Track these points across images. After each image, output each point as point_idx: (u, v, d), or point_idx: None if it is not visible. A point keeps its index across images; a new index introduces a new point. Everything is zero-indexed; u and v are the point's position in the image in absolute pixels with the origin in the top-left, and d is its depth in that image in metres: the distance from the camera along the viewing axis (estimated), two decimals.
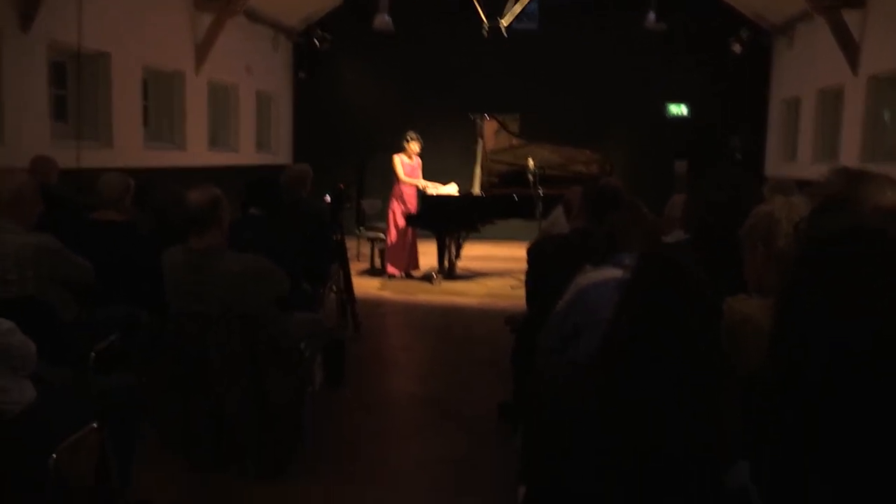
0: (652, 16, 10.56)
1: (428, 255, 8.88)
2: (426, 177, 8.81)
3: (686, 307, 1.72)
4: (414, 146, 8.53)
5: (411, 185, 8.59)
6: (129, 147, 7.99)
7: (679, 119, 11.93)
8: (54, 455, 2.38)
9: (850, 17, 8.32)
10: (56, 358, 3.05)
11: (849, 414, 0.68)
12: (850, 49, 8.39)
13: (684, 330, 1.72)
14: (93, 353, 3.59)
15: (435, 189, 8.56)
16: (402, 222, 8.51)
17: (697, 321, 1.73)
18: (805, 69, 10.11)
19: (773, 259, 2.16)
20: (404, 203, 8.58)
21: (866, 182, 1.72)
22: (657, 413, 1.77)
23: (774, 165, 11.26)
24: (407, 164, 8.57)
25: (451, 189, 8.60)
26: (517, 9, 10.05)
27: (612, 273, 2.33)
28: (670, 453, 1.78)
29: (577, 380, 2.03)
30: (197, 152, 9.49)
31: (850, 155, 8.58)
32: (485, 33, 10.08)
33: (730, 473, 1.92)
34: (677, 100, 11.85)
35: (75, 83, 7.28)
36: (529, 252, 3.51)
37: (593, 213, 3.22)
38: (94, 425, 2.58)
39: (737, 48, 10.98)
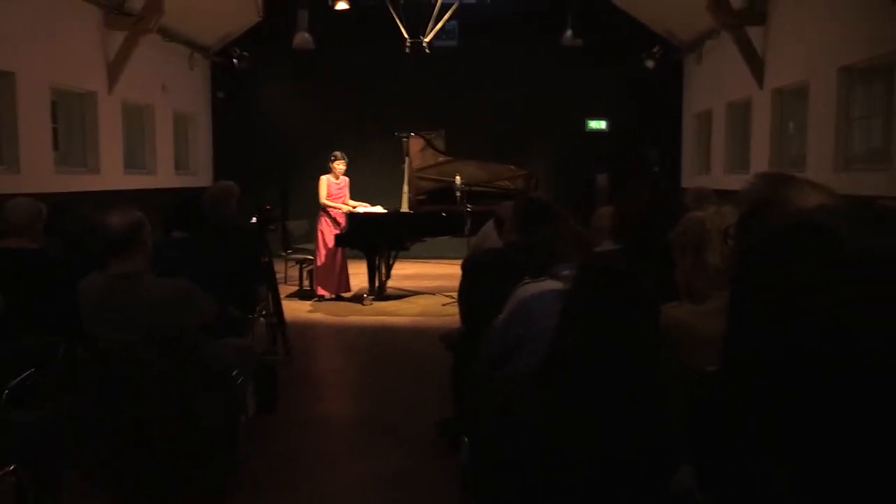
0: (569, 33, 10.85)
1: (358, 275, 8.78)
2: (354, 195, 8.73)
3: (626, 313, 1.75)
4: (339, 165, 8.45)
5: (335, 207, 8.47)
6: (38, 171, 7.62)
7: (598, 133, 12.26)
8: None
9: (754, 34, 8.76)
10: None
11: (806, 415, 0.68)
12: (755, 63, 8.82)
13: (626, 335, 1.74)
14: (6, 390, 3.38)
15: (363, 208, 8.50)
16: (331, 243, 8.40)
17: (638, 326, 1.75)
18: (714, 83, 10.56)
19: (702, 266, 2.22)
20: (332, 224, 8.47)
21: (789, 185, 1.78)
22: (600, 420, 1.78)
23: (690, 177, 11.69)
24: (333, 185, 8.48)
25: (377, 210, 8.55)
26: (438, 25, 10.14)
27: (551, 285, 2.34)
28: (614, 459, 1.79)
29: (518, 392, 2.02)
30: (112, 175, 9.13)
31: (759, 165, 8.99)
32: (407, 50, 10.12)
33: (674, 478, 1.94)
34: (596, 114, 12.18)
35: None
36: (465, 266, 3.51)
37: (524, 226, 3.25)
38: (11, 468, 2.41)
39: (650, 64, 11.38)
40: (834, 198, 1.62)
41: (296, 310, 7.94)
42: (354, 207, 8.52)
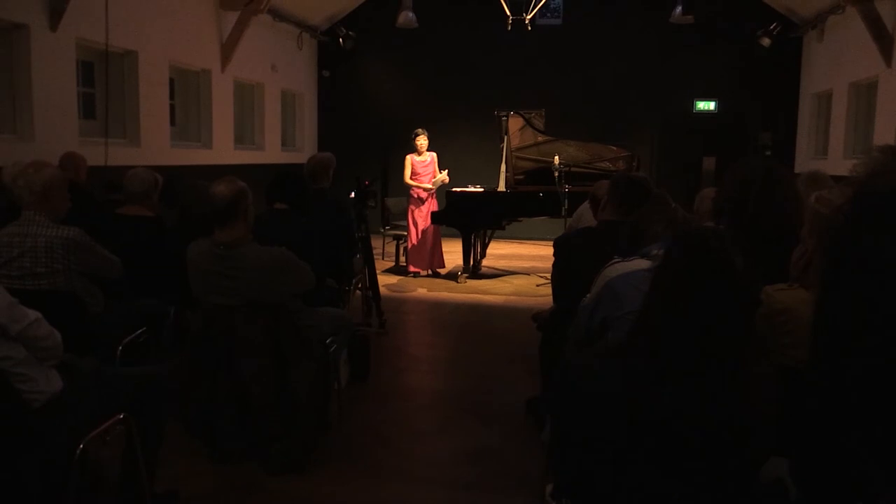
0: (679, 9, 10.42)
1: (453, 253, 8.84)
2: (454, 176, 8.71)
3: (719, 287, 1.68)
4: (421, 141, 8.45)
5: (416, 187, 8.53)
6: (156, 145, 8.07)
7: (707, 115, 11.77)
8: (81, 445, 2.38)
9: (883, 8, 8.14)
10: (84, 349, 3.07)
11: None
12: (884, 40, 8.21)
13: (715, 309, 1.67)
14: (120, 346, 3.62)
15: (433, 183, 8.48)
16: (420, 222, 8.48)
17: (730, 302, 1.68)
18: (836, 62, 9.92)
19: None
20: (416, 203, 8.54)
21: None
22: (686, 396, 1.72)
23: (805, 162, 11.06)
24: (418, 162, 8.51)
25: (444, 175, 8.51)
26: (541, 3, 9.98)
27: (640, 264, 2.28)
28: (697, 439, 1.73)
29: (603, 369, 1.99)
30: (223, 150, 9.56)
31: None
32: (509, 28, 10.02)
33: (765, 468, 1.86)
34: (705, 95, 11.69)
35: (103, 81, 7.36)
36: (556, 244, 3.47)
37: (620, 205, 3.17)
38: (121, 416, 2.58)
39: (765, 42, 10.81)
40: None
41: (391, 284, 8.09)
42: (439, 183, 8.48)
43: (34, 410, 2.40)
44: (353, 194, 5.97)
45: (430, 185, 8.47)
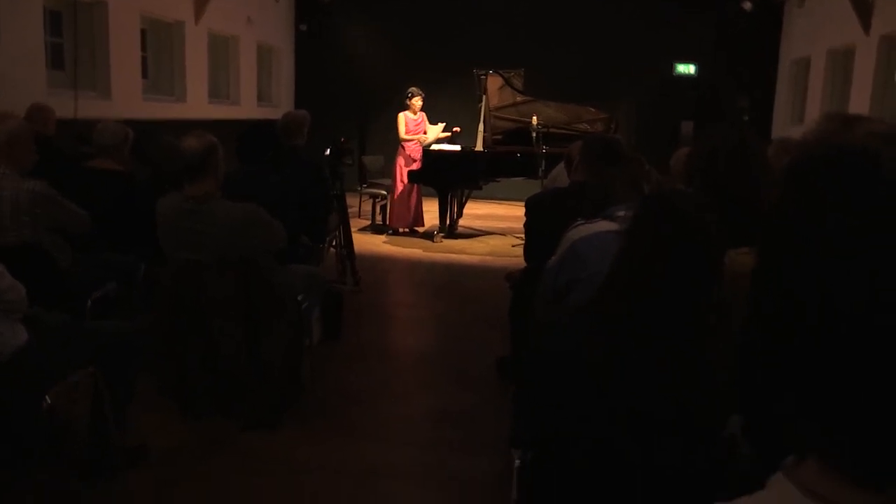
0: None
1: (430, 212, 8.83)
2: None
3: (684, 246, 1.69)
4: (416, 102, 8.45)
5: (414, 140, 8.52)
6: (127, 98, 7.89)
7: (686, 78, 11.74)
8: (48, 398, 2.37)
9: None
10: (52, 303, 3.05)
11: (842, 365, 0.63)
12: (863, 7, 8.21)
13: (684, 269, 1.69)
14: (90, 301, 3.59)
15: (427, 137, 8.47)
16: (407, 178, 8.47)
17: (697, 261, 1.70)
18: (816, 29, 9.91)
19: None
20: (408, 159, 8.53)
21: (861, 123, 1.65)
22: (654, 355, 1.75)
23: (782, 127, 11.12)
24: (411, 121, 8.51)
25: (437, 129, 8.52)
26: None
27: (604, 226, 2.28)
28: (668, 400, 1.76)
29: (571, 323, 2.01)
30: (197, 104, 9.38)
31: None
32: None
33: (727, 425, 1.91)
34: (685, 58, 11.65)
35: (72, 31, 7.16)
36: (528, 204, 3.47)
37: (592, 166, 3.17)
38: (90, 369, 2.57)
39: (747, 6, 10.77)
40: None
41: (367, 243, 8.08)
42: (424, 140, 8.49)
43: (0, 363, 2.38)
44: (328, 152, 5.91)
45: (424, 136, 8.44)
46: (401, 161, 8.56)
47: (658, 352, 1.74)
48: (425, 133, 8.57)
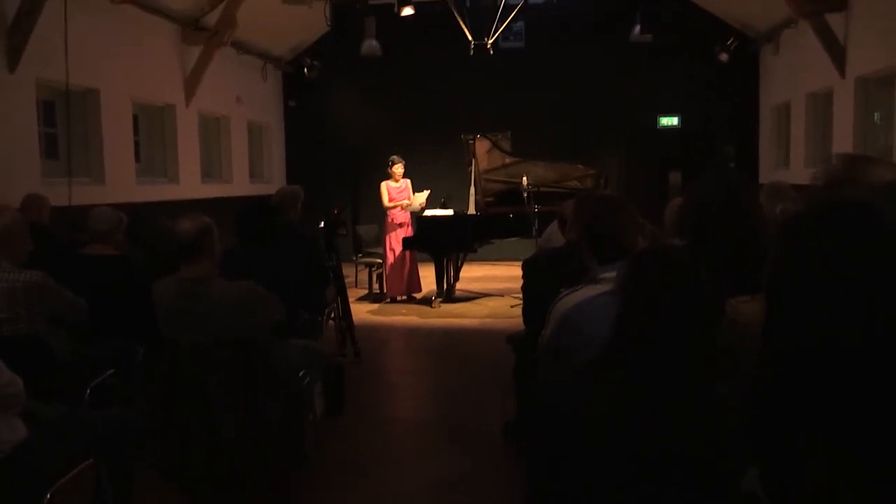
0: (637, 28, 10.61)
1: (427, 278, 8.83)
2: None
3: (677, 303, 1.69)
4: (398, 169, 8.54)
5: (396, 207, 8.57)
6: (121, 182, 7.97)
7: (671, 130, 11.95)
8: (49, 495, 2.31)
9: (834, 21, 8.37)
10: (50, 395, 3.00)
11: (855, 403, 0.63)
12: (836, 52, 8.43)
13: (681, 320, 1.68)
14: (88, 390, 3.54)
15: (410, 204, 8.52)
16: (397, 246, 8.50)
17: (694, 312, 1.69)
18: (793, 74, 10.15)
19: None
20: (392, 226, 8.57)
21: (870, 164, 1.67)
22: (657, 413, 1.72)
23: (768, 172, 11.27)
24: (394, 189, 8.58)
25: (422, 197, 8.57)
26: (502, 27, 10.12)
27: (590, 291, 2.26)
28: (675, 455, 1.73)
29: (574, 382, 1.98)
30: (190, 185, 9.48)
31: None
32: (471, 53, 10.13)
33: (745, 480, 1.86)
34: (667, 111, 11.88)
35: (65, 121, 7.29)
36: (524, 266, 3.47)
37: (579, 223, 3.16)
38: (90, 462, 2.51)
39: (724, 57, 11.03)
40: None
41: (365, 312, 8.05)
42: (407, 207, 8.54)
43: None
44: (322, 224, 5.95)
45: (407, 202, 8.49)
46: (388, 230, 8.62)
47: (665, 404, 1.72)
48: (409, 200, 8.63)
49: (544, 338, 2.30)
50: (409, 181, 8.68)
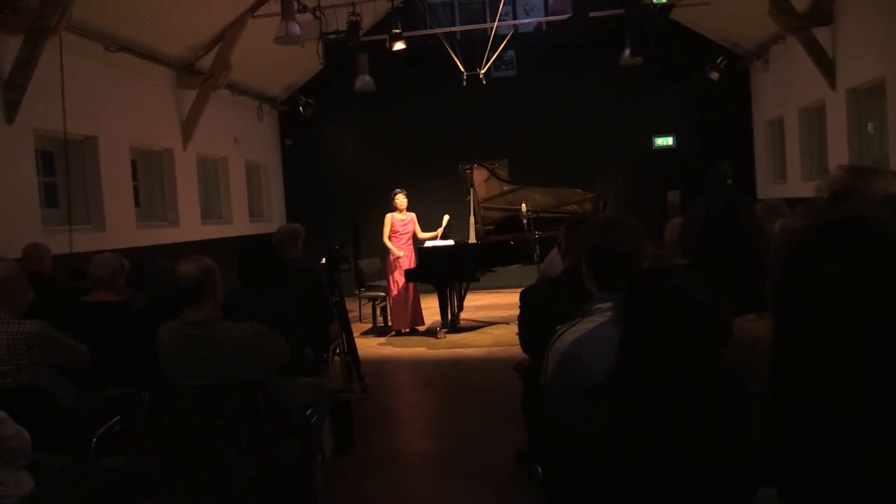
0: (627, 52, 10.70)
1: (431, 309, 8.81)
2: (424, 229, 8.83)
3: (678, 325, 1.68)
4: (400, 199, 8.57)
5: (400, 239, 8.58)
6: (121, 228, 8.00)
7: (666, 150, 12.01)
8: None
9: (821, 34, 8.45)
10: (56, 445, 2.97)
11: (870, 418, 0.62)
12: (826, 65, 8.50)
13: (678, 346, 1.67)
14: (94, 438, 3.50)
15: (400, 256, 8.55)
16: (399, 279, 8.49)
17: (692, 337, 1.68)
18: (784, 89, 10.23)
19: None
20: (395, 260, 8.57)
21: (874, 176, 1.67)
22: (666, 436, 1.70)
23: (765, 187, 11.30)
24: (398, 221, 8.60)
25: (436, 233, 8.60)
26: (493, 57, 10.23)
27: (587, 324, 2.23)
28: (684, 478, 1.70)
29: (581, 409, 1.96)
30: (190, 227, 9.51)
31: None
32: (464, 83, 10.23)
33: (756, 500, 1.83)
34: (662, 132, 11.96)
35: (64, 169, 7.33)
36: (524, 296, 3.44)
37: (576, 248, 3.14)
38: None
39: (714, 76, 11.13)
40: None
41: (370, 346, 8.01)
42: (422, 240, 8.60)
43: None
44: (323, 260, 5.95)
45: (399, 253, 8.50)
46: (389, 263, 8.62)
47: (669, 429, 1.70)
48: (413, 233, 8.66)
49: (546, 379, 2.27)
50: (414, 215, 8.71)
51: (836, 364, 0.61)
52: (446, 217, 8.78)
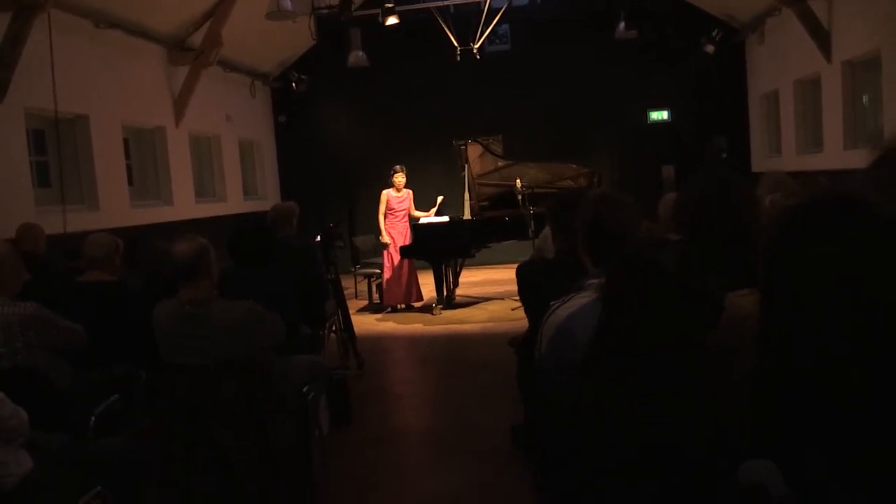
0: (622, 25, 10.63)
1: (426, 285, 8.83)
2: (418, 206, 8.83)
3: (661, 302, 1.68)
4: (399, 178, 8.56)
5: (396, 216, 8.58)
6: (115, 207, 7.96)
7: (661, 124, 11.98)
8: None
9: (817, 6, 8.40)
10: (53, 425, 2.99)
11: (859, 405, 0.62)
12: (821, 37, 8.45)
13: (660, 324, 1.67)
14: (92, 418, 3.52)
15: (426, 218, 8.58)
16: (395, 256, 8.50)
17: (675, 315, 1.68)
18: (779, 62, 10.18)
19: None
20: (393, 237, 8.58)
21: None
22: (648, 412, 1.71)
23: (761, 161, 11.29)
24: (394, 198, 8.59)
25: (441, 219, 8.60)
26: (487, 31, 10.14)
27: (580, 300, 2.24)
28: (673, 452, 1.72)
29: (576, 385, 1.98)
30: (184, 205, 9.47)
31: (833, 142, 8.61)
32: (458, 58, 10.15)
33: (742, 471, 1.86)
34: (657, 106, 11.91)
35: (56, 148, 7.28)
36: (520, 273, 3.45)
37: (561, 227, 3.13)
38: (98, 490, 2.50)
39: (709, 48, 11.06)
40: None
41: (366, 323, 8.03)
42: (417, 218, 8.60)
43: (6, 493, 2.32)
44: (318, 238, 5.95)
45: (388, 241, 8.50)
46: (384, 239, 8.62)
47: (652, 405, 1.71)
48: (410, 211, 8.66)
49: (540, 353, 2.28)
50: (411, 192, 8.70)
51: (830, 356, 0.61)
52: (440, 198, 8.76)
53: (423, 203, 9.00)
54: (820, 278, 0.60)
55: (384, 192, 8.60)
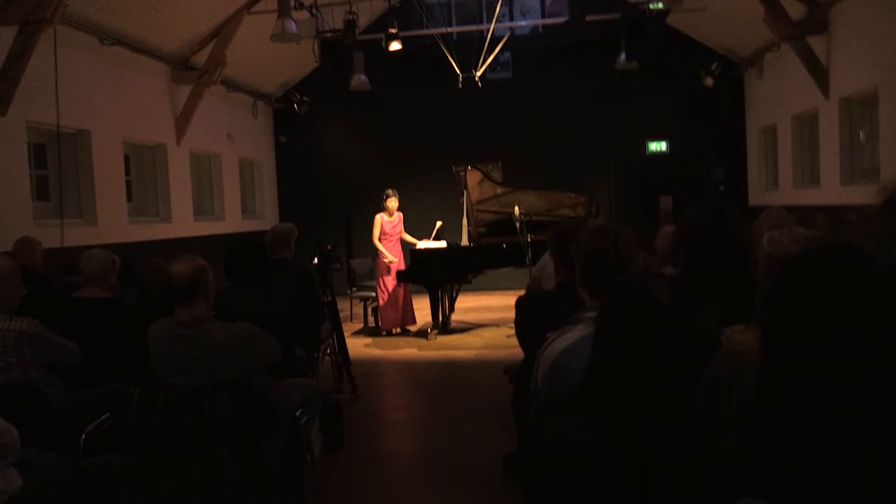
0: (623, 56, 10.74)
1: (422, 310, 8.81)
2: (417, 231, 8.85)
3: (652, 338, 1.68)
4: (392, 202, 8.58)
5: (390, 240, 8.59)
6: (113, 223, 7.97)
7: (659, 155, 12.06)
8: None
9: (816, 43, 8.50)
10: (44, 442, 2.97)
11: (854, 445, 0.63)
12: (819, 73, 8.55)
13: (652, 360, 1.67)
14: (83, 435, 3.49)
15: (394, 261, 8.56)
16: (389, 280, 8.49)
17: (668, 351, 1.68)
18: (778, 97, 10.28)
19: None
20: (385, 265, 8.56)
21: None
22: (638, 448, 1.70)
23: (757, 194, 11.36)
24: (387, 222, 8.60)
25: (439, 244, 8.61)
26: (489, 59, 10.24)
27: (577, 333, 2.24)
28: (666, 487, 1.71)
29: (567, 423, 1.96)
30: (183, 223, 9.48)
31: (830, 178, 8.67)
32: (459, 85, 10.24)
33: None
34: (656, 136, 12.00)
35: (56, 162, 7.29)
36: (520, 305, 3.44)
37: (564, 259, 3.14)
38: None
39: (709, 82, 11.17)
40: None
41: (361, 346, 8.01)
42: (414, 244, 8.61)
43: None
44: (316, 259, 5.95)
45: (393, 259, 8.49)
46: (381, 264, 8.62)
47: (642, 441, 1.70)
48: (401, 234, 8.68)
49: (536, 386, 2.28)
50: (401, 215, 8.72)
51: (820, 384, 0.62)
52: (438, 222, 8.78)
53: (420, 227, 9.02)
54: (822, 331, 0.61)
55: (377, 216, 8.62)
